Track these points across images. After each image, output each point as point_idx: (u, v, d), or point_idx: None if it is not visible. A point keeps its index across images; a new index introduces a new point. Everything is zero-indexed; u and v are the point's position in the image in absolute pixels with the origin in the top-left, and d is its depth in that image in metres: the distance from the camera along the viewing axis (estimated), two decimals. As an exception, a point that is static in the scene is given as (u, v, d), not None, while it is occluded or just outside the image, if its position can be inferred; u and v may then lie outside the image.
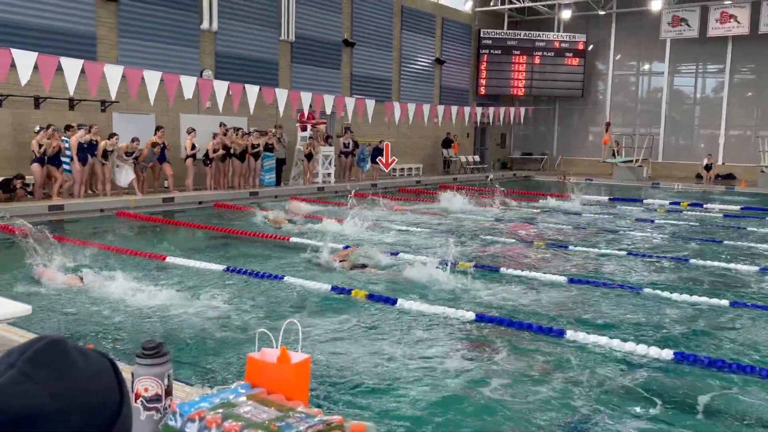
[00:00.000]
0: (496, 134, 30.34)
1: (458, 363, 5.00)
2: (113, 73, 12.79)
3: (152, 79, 13.35)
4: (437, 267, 7.77)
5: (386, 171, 20.97)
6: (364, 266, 8.26)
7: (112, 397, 0.85)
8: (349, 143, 20.06)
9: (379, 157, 20.69)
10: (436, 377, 4.65)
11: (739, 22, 24.86)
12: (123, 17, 15.44)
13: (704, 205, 16.77)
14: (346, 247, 8.97)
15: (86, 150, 13.42)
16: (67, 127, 13.65)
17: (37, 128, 12.94)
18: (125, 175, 14.17)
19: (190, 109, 16.68)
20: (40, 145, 12.67)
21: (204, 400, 2.24)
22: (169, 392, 2.31)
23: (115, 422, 0.83)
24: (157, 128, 15.10)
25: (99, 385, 0.83)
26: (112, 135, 13.95)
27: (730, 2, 25.00)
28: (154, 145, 14.67)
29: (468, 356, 5.20)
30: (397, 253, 9.15)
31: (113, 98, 13.56)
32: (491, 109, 24.65)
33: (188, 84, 14.06)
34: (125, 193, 14.42)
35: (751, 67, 26.01)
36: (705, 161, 24.24)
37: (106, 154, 13.83)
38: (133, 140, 14.11)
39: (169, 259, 8.43)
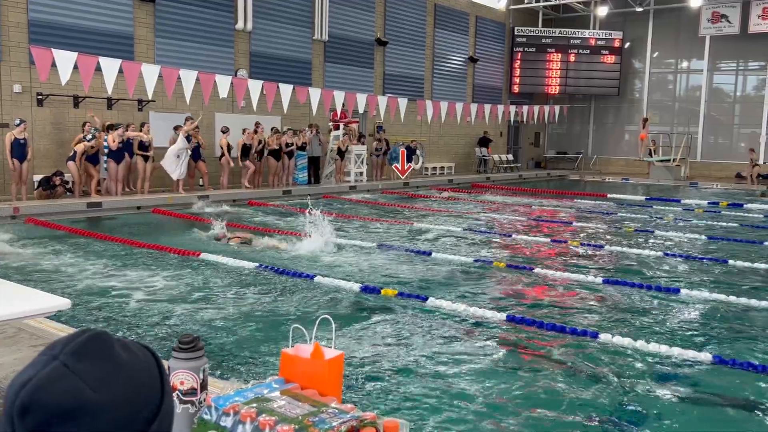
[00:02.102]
0: (529, 133, 30.05)
1: (487, 363, 4.96)
2: (150, 73, 12.99)
3: (188, 78, 13.54)
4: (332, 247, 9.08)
5: (402, 177, 20.43)
6: (249, 242, 9.57)
7: (154, 390, 0.85)
8: (381, 148, 20.10)
9: (395, 164, 20.43)
10: (468, 377, 4.62)
11: (782, 18, 24.21)
12: (160, 18, 15.69)
13: (744, 206, 16.38)
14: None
15: (123, 149, 13.66)
16: (109, 127, 13.92)
17: (90, 137, 13.09)
18: (179, 168, 14.37)
19: (225, 109, 16.88)
20: (84, 152, 12.95)
21: (238, 394, 2.26)
22: (204, 386, 2.33)
23: (156, 415, 0.84)
24: (187, 119, 15.12)
25: (141, 379, 0.84)
26: (142, 125, 14.19)
27: (772, -3, 24.37)
28: (176, 128, 14.95)
29: (497, 356, 5.16)
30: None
31: (150, 97, 13.79)
32: (525, 108, 24.42)
33: (223, 83, 14.22)
34: (161, 190, 14.65)
35: (794, 64, 25.31)
36: (750, 157, 23.46)
37: (143, 147, 14.04)
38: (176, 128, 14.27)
39: (204, 255, 8.53)
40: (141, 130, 14.10)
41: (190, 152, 14.57)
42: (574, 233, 11.74)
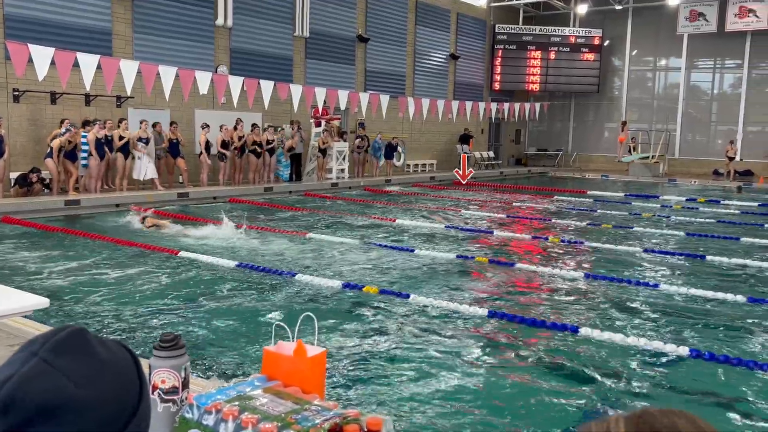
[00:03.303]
0: (510, 130, 30.19)
1: (469, 359, 4.99)
2: (129, 69, 12.86)
3: (167, 74, 13.41)
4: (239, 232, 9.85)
5: (463, 182, 19.58)
6: (158, 227, 10.51)
7: (132, 387, 0.84)
8: (363, 145, 20.09)
9: (456, 169, 20.03)
10: (451, 373, 4.64)
11: (758, 17, 24.56)
12: (138, 13, 15.52)
13: (721, 202, 16.62)
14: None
15: (103, 145, 13.51)
16: (86, 123, 13.76)
17: (63, 131, 12.93)
18: (144, 168, 14.26)
19: (205, 105, 16.76)
20: (60, 147, 12.78)
21: (221, 392, 2.25)
22: (186, 385, 2.32)
23: (135, 412, 0.83)
24: (171, 123, 15.23)
25: (120, 375, 0.83)
26: (121, 120, 14.05)
27: (748, -4, 24.70)
28: (154, 125, 14.80)
29: (479, 352, 5.19)
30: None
31: (128, 94, 13.65)
32: (506, 105, 24.53)
33: (203, 80, 14.12)
34: (141, 188, 14.52)
35: (770, 62, 25.69)
36: (727, 150, 23.80)
37: (124, 147, 13.91)
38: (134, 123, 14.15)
39: (182, 254, 8.47)
40: (119, 127, 13.94)
41: (144, 153, 14.31)
42: (555, 230, 11.81)
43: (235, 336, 5.40)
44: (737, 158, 24.31)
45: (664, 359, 4.99)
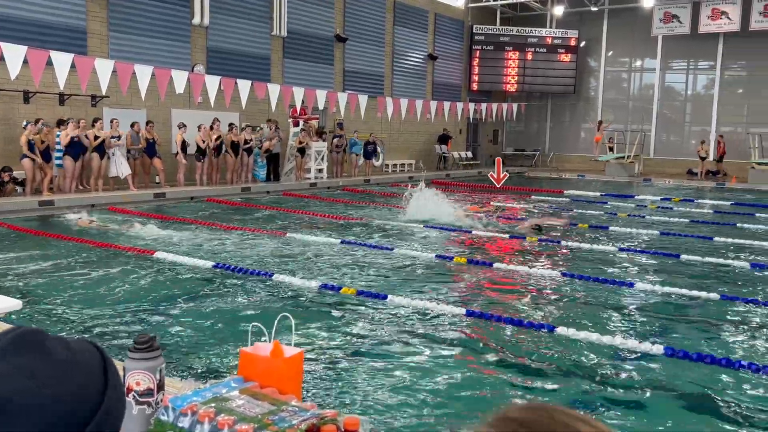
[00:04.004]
0: (488, 130, 30.36)
1: (447, 359, 5.00)
2: (104, 68, 12.70)
3: (143, 73, 13.28)
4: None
5: (497, 186, 18.94)
6: (90, 223, 10.94)
7: (94, 385, 0.83)
8: (342, 144, 20.06)
9: (491, 172, 19.51)
10: (428, 372, 4.65)
11: (730, 19, 24.97)
12: (113, 11, 15.34)
13: (695, 201, 16.87)
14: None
15: (77, 145, 13.34)
16: (60, 122, 13.58)
17: (24, 123, 12.85)
18: (118, 166, 14.11)
19: (182, 104, 16.62)
20: (30, 142, 12.58)
21: (196, 394, 2.23)
22: (161, 386, 2.30)
23: (93, 416, 0.82)
24: (147, 123, 15.09)
25: (79, 372, 0.82)
26: (95, 120, 13.87)
27: (721, -1, 25.10)
28: (132, 125, 14.63)
29: (457, 352, 5.21)
30: None
31: (104, 93, 13.49)
32: (483, 105, 24.66)
33: (180, 79, 14.00)
34: (116, 188, 14.36)
35: (742, 63, 26.14)
36: (698, 151, 24.35)
37: (99, 147, 13.75)
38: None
39: (158, 254, 8.39)
40: (93, 126, 13.77)
41: (117, 146, 14.17)
42: (532, 228, 11.88)
43: (212, 337, 5.36)
44: (710, 158, 24.73)
45: (639, 357, 5.05)
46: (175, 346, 5.10)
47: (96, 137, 13.71)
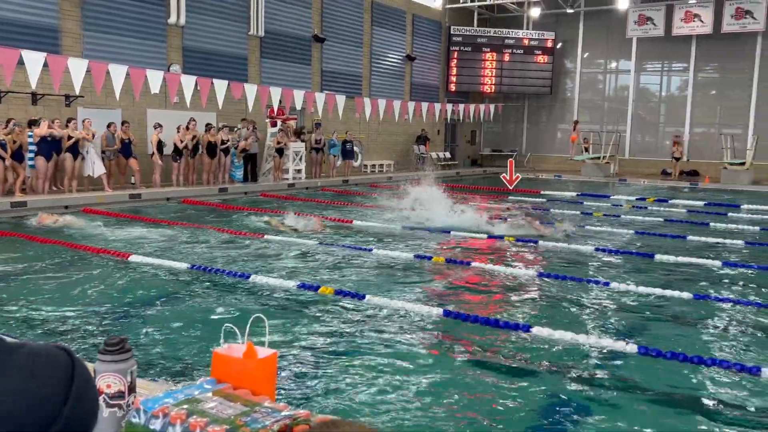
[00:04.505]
0: (466, 131, 30.50)
1: (423, 359, 5.01)
2: (77, 67, 12.53)
3: (118, 73, 13.12)
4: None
5: (510, 187, 18.47)
6: (57, 219, 11.12)
7: (55, 390, 0.81)
8: (320, 139, 20.00)
9: (504, 175, 19.46)
10: (404, 372, 4.65)
11: (702, 22, 25.36)
12: (87, 10, 15.15)
13: (669, 201, 17.10)
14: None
15: (50, 144, 13.15)
16: (32, 122, 13.36)
17: None
18: (92, 165, 13.93)
19: (157, 104, 16.45)
20: (1, 142, 12.37)
21: (168, 396, 2.21)
22: (132, 389, 2.27)
23: (59, 415, 0.80)
24: (123, 123, 14.92)
25: (39, 377, 0.80)
26: (69, 120, 13.68)
27: (694, 1, 25.48)
28: (108, 125, 14.47)
29: (434, 352, 5.22)
30: None
31: (77, 93, 13.31)
32: (461, 106, 24.76)
33: (155, 78, 13.86)
34: (91, 189, 14.18)
35: (714, 65, 26.56)
36: (672, 152, 24.85)
37: (73, 147, 13.57)
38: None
39: (133, 257, 8.29)
40: (67, 126, 13.58)
41: (90, 149, 13.99)
42: (509, 228, 11.95)
43: (186, 339, 5.31)
44: (684, 158, 25.10)
45: (613, 356, 5.10)
46: (149, 348, 5.05)
47: (69, 137, 13.52)
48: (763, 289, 7.63)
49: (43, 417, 0.79)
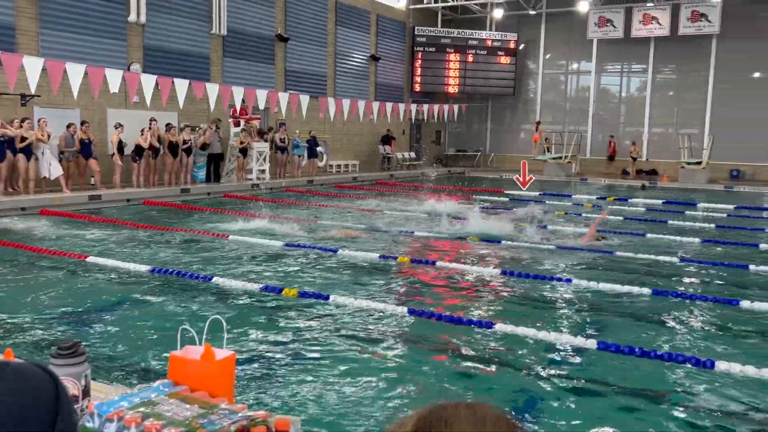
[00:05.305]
0: (431, 131, 30.64)
1: (387, 358, 5.02)
2: (33, 66, 12.24)
3: (75, 72, 12.85)
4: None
5: (523, 189, 17.89)
6: None
7: (45, 407, 0.79)
8: (284, 138, 19.87)
9: (516, 175, 19.12)
10: (366, 372, 4.66)
11: (660, 24, 25.92)
12: (44, 7, 14.80)
13: (628, 200, 17.44)
14: None
15: (3, 145, 12.81)
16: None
17: None
18: (48, 166, 13.60)
19: (118, 104, 16.16)
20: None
21: (124, 399, 2.17)
22: (86, 393, 2.23)
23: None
24: (82, 123, 14.62)
25: (28, 396, 0.78)
26: (23, 120, 13.32)
27: (652, 4, 26.03)
28: (68, 125, 14.16)
29: (397, 351, 5.24)
30: None
31: (33, 92, 13.00)
32: (425, 106, 24.87)
33: (114, 78, 13.61)
34: (49, 190, 13.85)
35: (672, 67, 27.17)
36: (630, 151, 25.53)
37: (27, 149, 13.25)
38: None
39: (91, 259, 8.13)
40: (21, 126, 13.23)
41: (46, 150, 13.68)
42: (473, 228, 12.05)
43: (145, 342, 5.23)
44: (643, 158, 25.63)
45: (573, 352, 5.18)
46: (106, 351, 4.95)
47: (23, 138, 13.17)
48: (717, 285, 7.83)
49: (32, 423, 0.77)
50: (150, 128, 15.59)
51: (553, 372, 4.78)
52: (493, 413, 0.79)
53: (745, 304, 6.63)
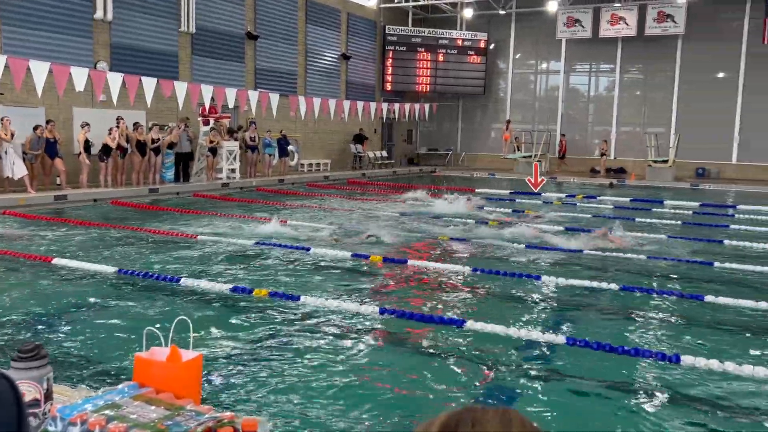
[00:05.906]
0: (402, 130, 30.68)
1: (358, 357, 5.02)
2: (-5, 63, 11.96)
3: (39, 69, 12.60)
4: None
5: (535, 191, 18.25)
6: None
7: (8, 412, 0.77)
8: (255, 137, 19.72)
9: (528, 177, 19.02)
10: (336, 371, 4.64)
11: (627, 24, 26.29)
12: (6, 3, 14.46)
13: (597, 198, 17.67)
14: None
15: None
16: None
17: None
18: (12, 166, 13.31)
19: (84, 103, 15.87)
20: None
21: (87, 402, 2.14)
22: (48, 396, 2.19)
23: None
24: (48, 122, 14.34)
25: None
26: None
27: (619, 5, 26.40)
28: (35, 127, 13.88)
29: (368, 350, 5.23)
30: None
31: (-4, 90, 12.72)
32: (397, 105, 24.89)
33: (80, 76, 13.37)
34: (12, 190, 13.55)
35: (639, 67, 27.59)
36: (598, 151, 25.91)
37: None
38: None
39: (57, 261, 7.97)
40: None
41: (9, 149, 13.39)
42: (445, 226, 12.11)
43: (109, 344, 5.15)
44: (611, 156, 25.98)
45: (543, 347, 5.23)
46: (70, 354, 4.86)
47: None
48: (683, 280, 7.98)
49: None
50: (118, 127, 15.35)
51: (522, 367, 4.82)
52: (519, 417, 0.83)
53: (709, 298, 6.77)
